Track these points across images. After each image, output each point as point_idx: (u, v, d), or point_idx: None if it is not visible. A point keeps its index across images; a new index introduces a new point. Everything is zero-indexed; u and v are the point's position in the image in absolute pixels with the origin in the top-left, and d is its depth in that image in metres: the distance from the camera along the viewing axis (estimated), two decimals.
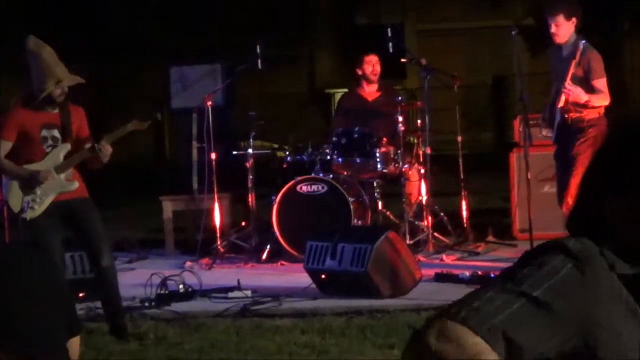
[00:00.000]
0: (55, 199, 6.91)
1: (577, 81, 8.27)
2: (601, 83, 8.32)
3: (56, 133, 6.89)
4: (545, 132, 8.87)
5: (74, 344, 2.98)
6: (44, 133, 6.86)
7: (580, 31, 8.37)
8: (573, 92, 8.21)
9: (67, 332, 2.92)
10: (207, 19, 21.60)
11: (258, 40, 10.48)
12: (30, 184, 6.85)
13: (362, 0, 24.61)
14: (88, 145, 6.89)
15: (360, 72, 10.60)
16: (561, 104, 8.37)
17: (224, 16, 21.98)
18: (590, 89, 8.29)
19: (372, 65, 10.49)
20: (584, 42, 8.33)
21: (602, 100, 8.32)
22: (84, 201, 7.00)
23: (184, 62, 11.60)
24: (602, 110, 8.41)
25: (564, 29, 8.31)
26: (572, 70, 8.25)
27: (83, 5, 20.54)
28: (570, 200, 8.37)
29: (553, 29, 8.34)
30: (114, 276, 7.04)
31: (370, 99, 10.58)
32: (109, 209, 7.51)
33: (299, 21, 22.86)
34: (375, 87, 10.60)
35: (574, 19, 8.31)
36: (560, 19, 8.31)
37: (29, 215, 6.84)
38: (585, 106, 8.29)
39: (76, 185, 6.95)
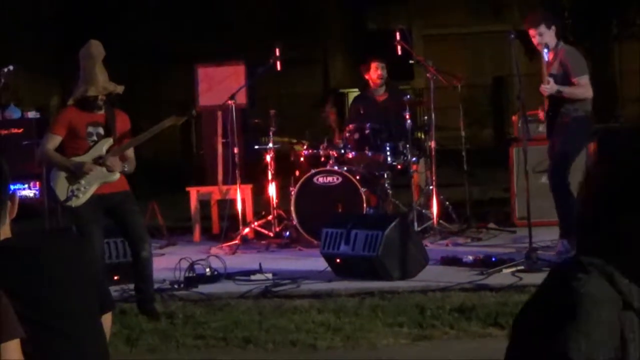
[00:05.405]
0: (98, 192, 6.88)
1: (558, 80, 8.20)
2: (581, 80, 8.22)
3: (101, 130, 6.93)
4: (541, 128, 8.88)
5: (107, 319, 2.99)
6: (90, 129, 6.89)
7: (563, 35, 8.37)
8: (548, 89, 8.16)
9: (99, 309, 2.92)
10: (231, 24, 21.57)
11: (276, 44, 10.44)
12: (75, 174, 6.84)
13: (372, 7, 24.55)
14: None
15: (367, 77, 10.58)
16: (546, 107, 8.36)
17: (245, 22, 21.96)
18: (571, 85, 8.21)
19: (376, 70, 10.47)
20: (556, 43, 8.29)
21: (580, 92, 8.20)
22: (125, 195, 6.98)
23: (209, 63, 11.55)
24: (589, 109, 8.32)
25: (536, 39, 8.34)
26: (547, 71, 8.22)
27: (113, 12, 20.48)
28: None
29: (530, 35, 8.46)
30: (150, 266, 7.02)
31: (379, 99, 10.54)
32: (140, 199, 7.45)
33: (314, 27, 22.83)
34: (383, 88, 10.57)
35: (540, 29, 8.29)
36: (530, 31, 8.40)
37: (74, 202, 6.83)
38: (570, 102, 8.19)
39: (117, 175, 6.92)
